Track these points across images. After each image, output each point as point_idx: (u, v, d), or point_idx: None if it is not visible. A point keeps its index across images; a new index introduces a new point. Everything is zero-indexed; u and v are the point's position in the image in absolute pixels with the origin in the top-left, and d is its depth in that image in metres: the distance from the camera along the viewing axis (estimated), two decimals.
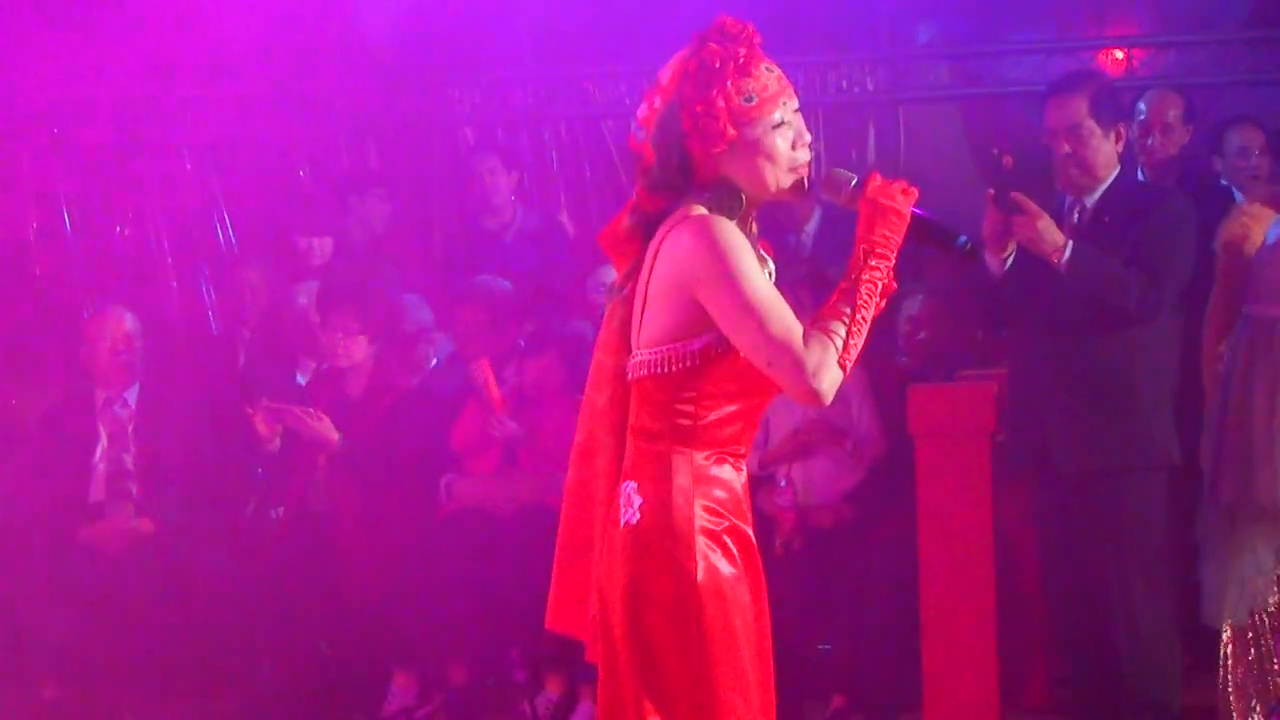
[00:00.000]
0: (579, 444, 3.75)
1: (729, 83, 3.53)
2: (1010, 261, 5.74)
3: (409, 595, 7.16)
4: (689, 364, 3.55)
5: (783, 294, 3.53)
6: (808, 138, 3.62)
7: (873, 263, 3.54)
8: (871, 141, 9.05)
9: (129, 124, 9.11)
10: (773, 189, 3.60)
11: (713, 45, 3.54)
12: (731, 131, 3.53)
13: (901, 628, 6.69)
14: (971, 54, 9.02)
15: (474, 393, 7.33)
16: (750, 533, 3.62)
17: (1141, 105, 7.34)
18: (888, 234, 3.55)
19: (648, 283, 3.60)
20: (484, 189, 8.61)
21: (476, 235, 8.69)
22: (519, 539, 7.10)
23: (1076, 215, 5.74)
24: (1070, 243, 5.57)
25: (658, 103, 3.61)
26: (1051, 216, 5.71)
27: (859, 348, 3.52)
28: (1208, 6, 8.76)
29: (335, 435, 7.31)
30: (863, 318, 3.51)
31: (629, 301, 3.67)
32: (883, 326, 6.91)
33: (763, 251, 3.67)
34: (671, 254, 3.54)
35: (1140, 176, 7.21)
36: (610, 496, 3.65)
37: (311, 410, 7.34)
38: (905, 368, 7.31)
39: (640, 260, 3.64)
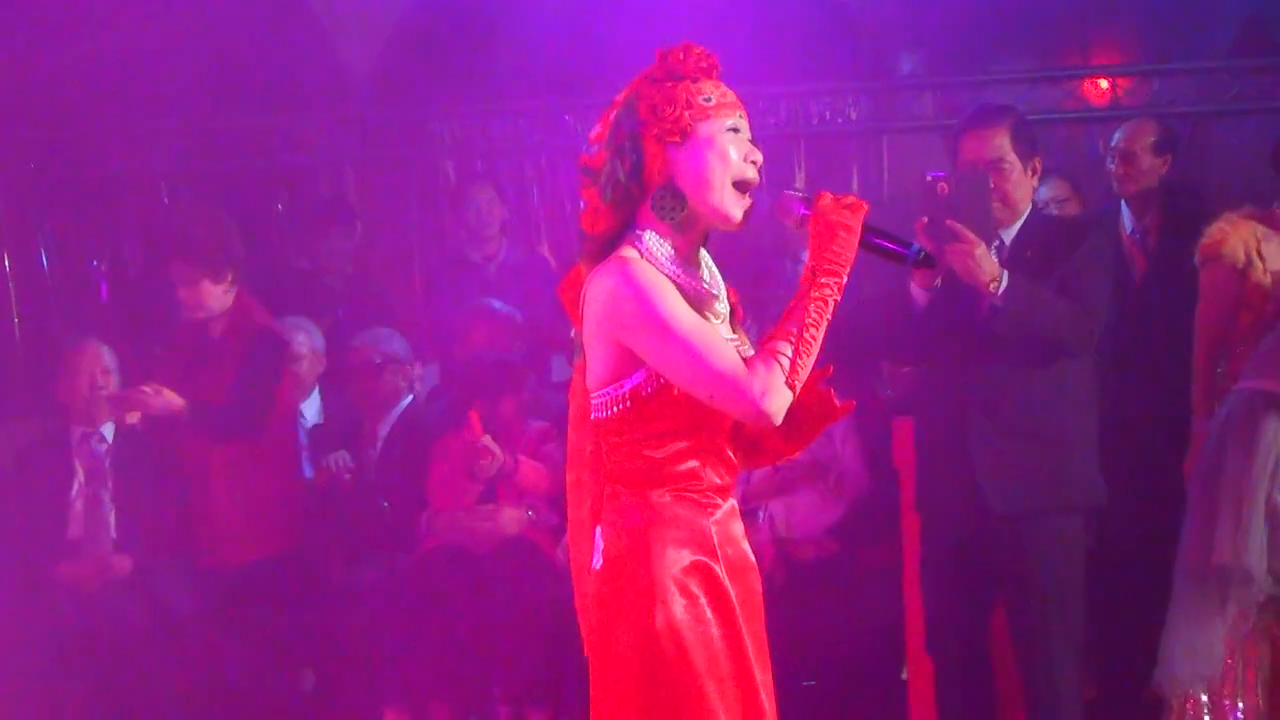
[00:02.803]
0: (570, 484, 3.89)
1: (689, 80, 3.70)
2: (936, 292, 5.70)
3: (390, 632, 7.22)
4: (623, 406, 3.68)
5: None
6: (759, 159, 3.74)
7: (822, 280, 3.64)
8: (854, 173, 9.09)
9: (107, 156, 9.16)
10: (718, 194, 3.69)
11: (677, 54, 3.73)
12: (688, 120, 3.67)
13: (887, 663, 6.76)
14: (956, 83, 9.09)
15: (455, 435, 7.44)
16: (718, 569, 3.70)
17: (1116, 135, 7.44)
18: (838, 250, 3.65)
19: (582, 329, 3.75)
20: (477, 219, 8.67)
21: (460, 266, 8.75)
22: (499, 574, 7.20)
23: (995, 250, 5.65)
24: (1006, 273, 5.52)
25: (614, 116, 3.79)
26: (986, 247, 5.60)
27: (808, 367, 3.62)
28: (1193, 35, 8.79)
29: (180, 402, 7.18)
30: (811, 336, 3.60)
31: None
32: (867, 359, 7.00)
33: (713, 286, 3.78)
34: (593, 299, 3.66)
35: (1124, 210, 7.29)
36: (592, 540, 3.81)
37: (150, 388, 7.20)
38: (889, 400, 7.40)
39: None
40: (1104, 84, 9.02)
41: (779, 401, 3.58)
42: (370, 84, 9.24)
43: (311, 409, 8.09)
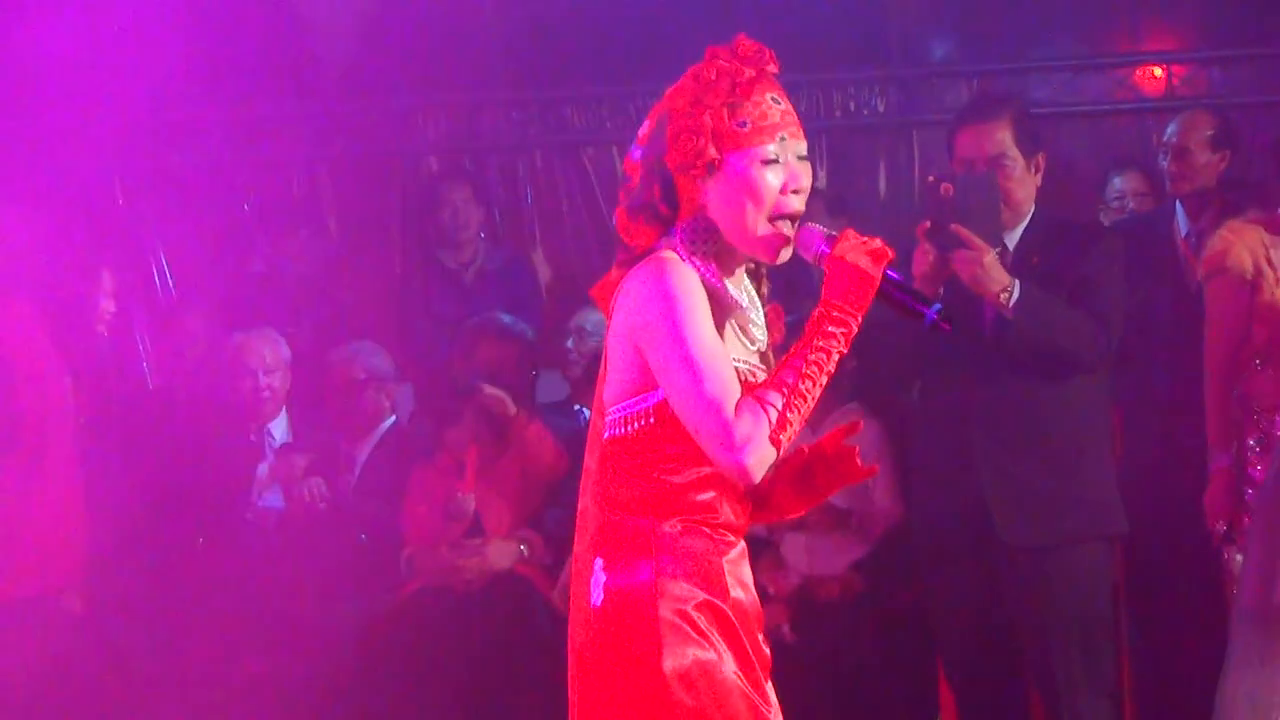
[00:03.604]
0: (579, 513, 3.76)
1: (723, 101, 3.57)
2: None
3: (368, 680, 7.16)
4: (646, 423, 3.59)
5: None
6: (805, 184, 3.61)
7: (829, 328, 3.53)
8: (882, 170, 9.08)
9: (57, 155, 9.09)
10: (752, 232, 3.58)
11: (719, 61, 3.59)
12: (713, 153, 3.55)
13: (920, 709, 6.71)
14: (992, 72, 9.00)
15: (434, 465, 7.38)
16: (726, 609, 3.59)
17: (1169, 128, 7.37)
18: (853, 298, 3.53)
19: (609, 334, 3.65)
20: (452, 222, 8.63)
21: (432, 272, 8.74)
22: (489, 616, 7.16)
23: (997, 256, 5.61)
24: (1017, 282, 5.50)
25: (657, 121, 3.67)
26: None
27: (798, 423, 3.51)
28: (1254, 19, 8.76)
29: None
30: (805, 389, 3.49)
31: None
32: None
33: (756, 314, 3.71)
34: (622, 299, 3.59)
35: (1178, 211, 7.21)
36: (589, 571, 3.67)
37: None
38: None
39: None
40: (1158, 72, 9.01)
41: (759, 456, 3.47)
42: (347, 74, 9.17)
43: (279, 428, 7.96)
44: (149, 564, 7.42)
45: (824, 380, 3.52)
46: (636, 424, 3.60)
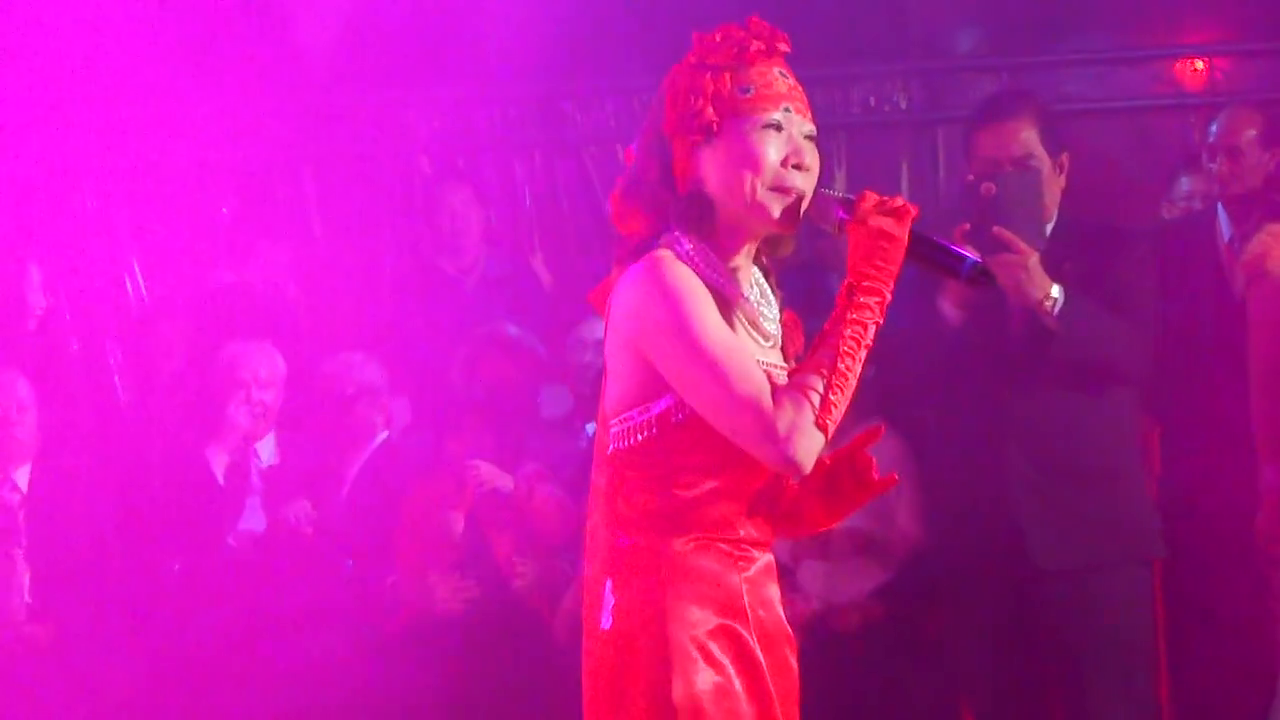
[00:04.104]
0: (589, 532, 3.74)
1: (727, 64, 3.57)
2: (971, 309, 5.62)
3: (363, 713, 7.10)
4: (650, 434, 3.55)
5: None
6: (808, 161, 3.57)
7: (861, 299, 3.51)
8: (904, 169, 9.01)
9: (23, 151, 9.03)
10: (750, 200, 3.54)
11: (713, 37, 3.60)
12: (712, 115, 3.54)
13: None
14: (1022, 65, 8.93)
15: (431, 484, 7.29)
16: (748, 635, 3.55)
17: (1213, 127, 7.27)
18: (880, 264, 3.51)
19: (606, 341, 3.62)
20: (452, 225, 8.55)
21: (431, 279, 8.63)
22: (488, 643, 7.18)
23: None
24: (1060, 288, 5.47)
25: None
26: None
27: (843, 405, 3.48)
28: None
29: None
30: (845, 368, 3.47)
31: None
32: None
33: (768, 308, 3.68)
34: (618, 304, 3.56)
35: (1220, 214, 7.11)
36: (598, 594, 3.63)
37: None
38: None
39: None
40: (1199, 65, 8.96)
41: (807, 445, 3.44)
42: (333, 68, 9.08)
43: (266, 447, 7.92)
44: (120, 590, 7.36)
45: (863, 355, 3.50)
46: (639, 435, 3.57)
